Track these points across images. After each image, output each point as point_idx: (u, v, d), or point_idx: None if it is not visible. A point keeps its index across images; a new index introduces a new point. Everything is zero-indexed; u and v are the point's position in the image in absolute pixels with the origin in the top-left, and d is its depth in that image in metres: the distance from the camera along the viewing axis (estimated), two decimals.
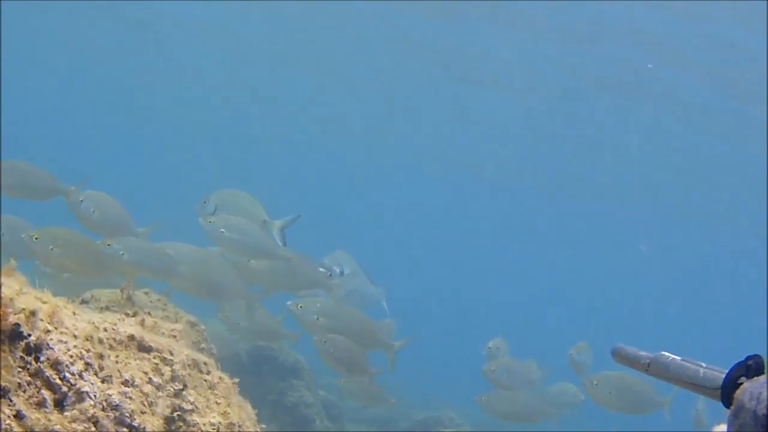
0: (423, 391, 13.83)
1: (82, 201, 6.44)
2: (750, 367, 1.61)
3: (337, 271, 7.63)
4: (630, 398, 7.21)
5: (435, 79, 19.85)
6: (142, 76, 27.33)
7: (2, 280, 3.03)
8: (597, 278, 36.89)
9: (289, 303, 7.07)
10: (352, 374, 7.54)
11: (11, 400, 2.58)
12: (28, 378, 2.65)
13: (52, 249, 5.94)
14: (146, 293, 6.07)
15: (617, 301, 35.97)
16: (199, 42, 21.87)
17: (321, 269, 7.57)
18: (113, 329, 3.01)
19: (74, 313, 3.05)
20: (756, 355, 1.63)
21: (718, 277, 30.26)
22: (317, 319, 6.98)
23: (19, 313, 2.81)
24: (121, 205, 6.75)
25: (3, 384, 2.59)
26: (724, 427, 1.58)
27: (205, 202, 7.27)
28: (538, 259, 37.52)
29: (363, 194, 41.09)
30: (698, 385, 1.68)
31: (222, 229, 6.96)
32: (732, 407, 1.55)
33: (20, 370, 2.66)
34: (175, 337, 3.66)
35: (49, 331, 2.80)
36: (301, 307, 7.00)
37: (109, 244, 6.12)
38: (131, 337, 3.02)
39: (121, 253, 6.15)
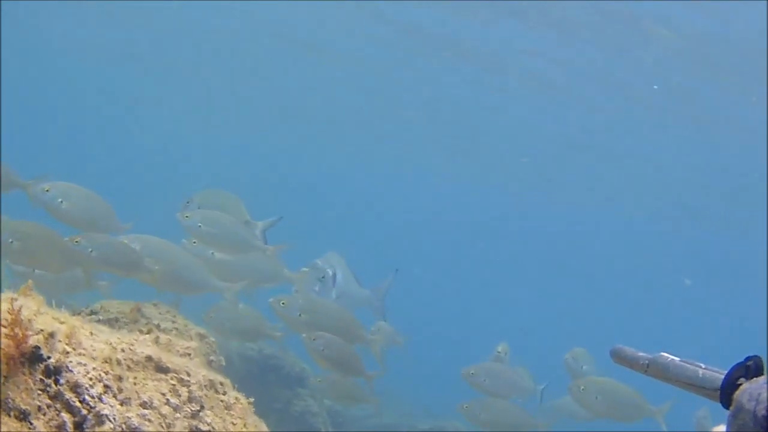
0: (427, 400, 13.82)
1: (47, 191, 6.22)
2: (749, 368, 1.61)
3: (330, 273, 7.60)
4: (617, 404, 7.15)
5: (437, 77, 19.73)
6: (139, 73, 27.29)
7: (20, 300, 3.04)
8: (599, 282, 36.89)
9: (271, 300, 6.99)
10: (344, 374, 7.38)
11: (31, 423, 2.59)
12: (48, 401, 2.66)
13: (11, 242, 5.74)
14: (155, 305, 6.08)
15: (619, 304, 35.92)
16: (194, 37, 21.79)
17: (310, 270, 7.50)
18: (131, 350, 3.02)
19: (91, 334, 3.06)
20: (755, 356, 1.63)
21: (718, 278, 30.25)
22: (299, 315, 6.90)
23: (38, 334, 2.82)
24: (104, 198, 6.59)
25: (23, 407, 2.60)
26: (723, 427, 1.59)
27: (188, 202, 7.32)
28: (544, 264, 37.48)
29: (362, 195, 41.05)
30: (697, 386, 1.68)
31: (199, 224, 6.98)
32: (731, 408, 1.56)
33: (40, 392, 2.66)
34: (189, 355, 3.68)
35: (67, 352, 2.81)
36: (283, 303, 6.91)
37: (77, 241, 5.97)
38: (149, 358, 3.03)
39: (90, 250, 6.00)
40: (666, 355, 1.77)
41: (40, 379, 2.68)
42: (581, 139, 21.46)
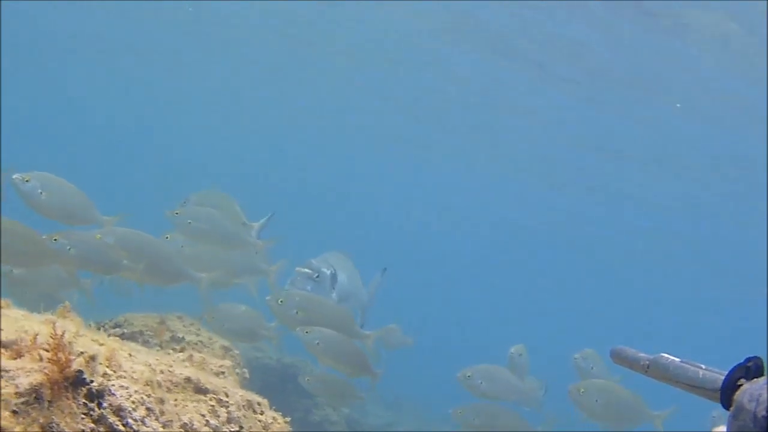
0: (443, 406, 13.77)
1: (27, 181, 6.00)
2: (749, 369, 1.62)
3: (327, 272, 7.47)
4: (617, 408, 7.01)
5: (445, 69, 19.37)
6: (140, 73, 27.30)
7: (59, 322, 3.05)
8: (598, 282, 36.75)
9: (268, 298, 6.89)
10: (347, 370, 7.16)
11: None
12: (92, 425, 2.67)
13: None
14: (179, 317, 6.12)
15: (619, 305, 35.80)
16: (193, 35, 21.70)
17: (306, 270, 7.38)
18: (169, 371, 3.03)
19: (130, 355, 3.07)
20: (755, 357, 1.64)
21: (718, 277, 30.17)
22: (296, 313, 6.79)
23: (79, 357, 2.83)
24: (85, 193, 6.40)
25: (67, 431, 2.62)
26: (723, 428, 1.60)
27: (184, 202, 7.34)
28: (548, 261, 37.37)
29: (368, 194, 40.99)
30: (698, 387, 1.68)
31: (189, 221, 6.99)
32: (731, 409, 1.56)
33: (83, 416, 2.67)
34: (223, 373, 3.69)
35: (108, 375, 2.82)
36: (281, 302, 6.82)
37: (55, 239, 5.83)
38: (187, 380, 3.04)
39: (68, 248, 5.86)
40: (666, 355, 1.77)
41: (84, 403, 2.69)
42: (589, 136, 21.22)
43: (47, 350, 2.71)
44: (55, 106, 34.85)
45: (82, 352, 2.85)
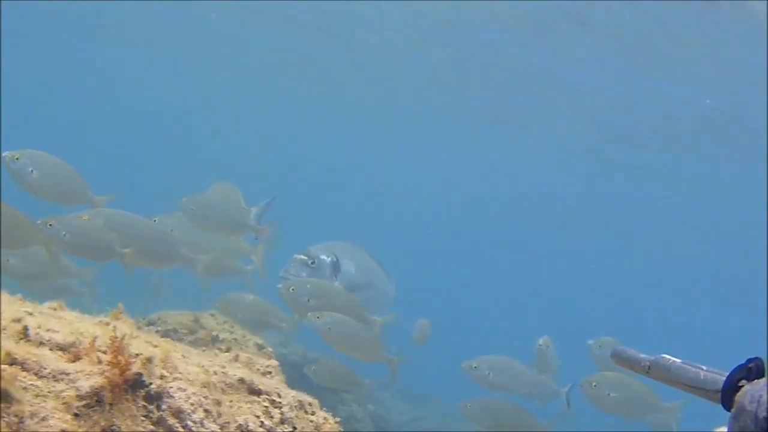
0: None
1: (17, 159, 5.80)
2: (751, 370, 1.63)
3: (327, 260, 7.40)
4: (630, 401, 6.95)
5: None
6: (142, 72, 27.33)
7: (113, 324, 3.07)
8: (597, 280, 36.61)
9: (279, 286, 6.84)
10: (360, 356, 7.08)
11: None
12: (151, 427, 2.69)
13: None
14: (212, 315, 6.14)
15: (619, 304, 35.65)
16: (193, 33, 21.66)
17: (302, 257, 7.31)
18: (223, 372, 3.05)
19: (183, 356, 3.09)
20: (756, 358, 1.65)
21: (718, 279, 30.05)
22: (308, 300, 6.74)
23: (135, 359, 2.85)
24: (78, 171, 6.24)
25: None
26: (724, 428, 1.60)
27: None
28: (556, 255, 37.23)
29: (380, 186, 40.89)
30: (699, 388, 1.69)
31: (192, 207, 6.98)
32: (732, 410, 1.57)
33: (143, 418, 2.69)
34: (270, 373, 3.70)
35: (165, 377, 2.84)
36: (292, 289, 6.76)
37: (51, 224, 5.65)
38: (241, 381, 3.06)
39: (63, 233, 5.70)
40: (667, 356, 1.78)
41: (143, 405, 2.70)
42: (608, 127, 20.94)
43: (105, 352, 2.73)
44: (64, 99, 34.93)
45: (137, 354, 2.87)
